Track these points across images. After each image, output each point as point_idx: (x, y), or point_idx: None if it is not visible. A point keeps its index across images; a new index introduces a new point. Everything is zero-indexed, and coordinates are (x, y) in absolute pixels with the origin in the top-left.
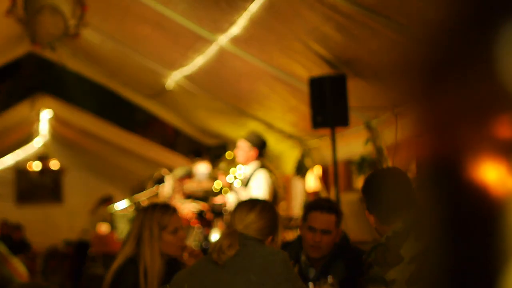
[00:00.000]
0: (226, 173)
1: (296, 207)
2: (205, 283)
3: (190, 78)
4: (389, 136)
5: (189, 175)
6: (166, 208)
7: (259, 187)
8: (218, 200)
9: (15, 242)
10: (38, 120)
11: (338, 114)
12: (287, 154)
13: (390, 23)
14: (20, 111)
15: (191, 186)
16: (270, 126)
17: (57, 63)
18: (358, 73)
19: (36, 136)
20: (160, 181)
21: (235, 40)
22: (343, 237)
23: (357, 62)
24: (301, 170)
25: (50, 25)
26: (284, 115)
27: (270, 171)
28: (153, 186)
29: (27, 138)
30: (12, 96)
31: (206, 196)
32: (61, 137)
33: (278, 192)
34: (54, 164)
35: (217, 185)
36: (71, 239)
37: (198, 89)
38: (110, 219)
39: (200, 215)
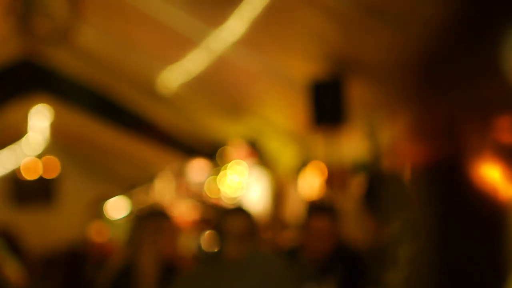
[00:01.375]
0: (223, 177)
1: (294, 206)
2: (204, 285)
3: (187, 77)
4: (387, 136)
5: (185, 174)
6: (161, 215)
7: (259, 187)
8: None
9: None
10: (33, 121)
11: (337, 114)
12: (286, 154)
13: (392, 23)
14: (14, 112)
15: (188, 185)
16: (268, 125)
17: (52, 63)
18: (358, 72)
19: (32, 138)
20: (156, 179)
21: (234, 39)
22: (341, 239)
23: (357, 62)
24: (299, 170)
25: (46, 21)
26: (283, 114)
27: (268, 169)
28: (148, 185)
29: (23, 140)
30: (5, 98)
31: (203, 196)
32: (57, 139)
33: (277, 191)
34: (50, 166)
35: (213, 188)
36: (68, 243)
37: (196, 88)
38: (107, 223)
39: (200, 218)
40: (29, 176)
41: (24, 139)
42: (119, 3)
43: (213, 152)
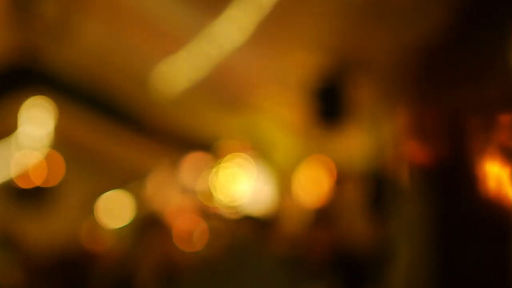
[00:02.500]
0: (221, 170)
1: (293, 204)
2: None
3: (186, 73)
4: (389, 135)
5: (184, 169)
6: (160, 223)
7: (259, 181)
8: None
9: None
10: (32, 120)
11: (339, 112)
12: (286, 151)
13: (393, 22)
14: (11, 112)
15: (186, 181)
16: (268, 122)
17: (51, 62)
18: (360, 71)
19: (31, 138)
20: (155, 177)
21: (235, 35)
22: (342, 240)
23: (359, 60)
24: (299, 167)
25: (44, 19)
26: (284, 112)
27: (268, 164)
28: (147, 183)
29: (23, 140)
30: (4, 97)
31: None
32: (57, 139)
33: (277, 186)
34: (53, 166)
35: (212, 183)
36: (66, 247)
37: (195, 83)
38: (106, 230)
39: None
40: (29, 180)
41: (23, 139)
42: (118, 2)
43: (212, 146)
